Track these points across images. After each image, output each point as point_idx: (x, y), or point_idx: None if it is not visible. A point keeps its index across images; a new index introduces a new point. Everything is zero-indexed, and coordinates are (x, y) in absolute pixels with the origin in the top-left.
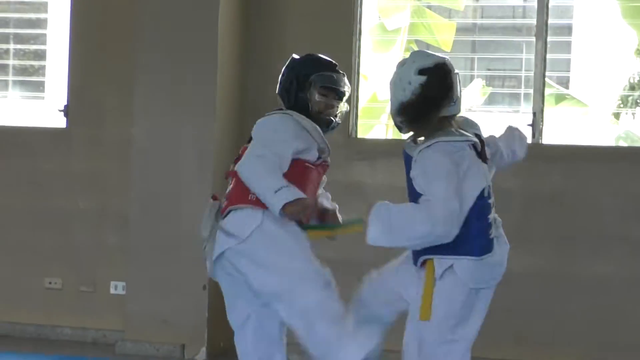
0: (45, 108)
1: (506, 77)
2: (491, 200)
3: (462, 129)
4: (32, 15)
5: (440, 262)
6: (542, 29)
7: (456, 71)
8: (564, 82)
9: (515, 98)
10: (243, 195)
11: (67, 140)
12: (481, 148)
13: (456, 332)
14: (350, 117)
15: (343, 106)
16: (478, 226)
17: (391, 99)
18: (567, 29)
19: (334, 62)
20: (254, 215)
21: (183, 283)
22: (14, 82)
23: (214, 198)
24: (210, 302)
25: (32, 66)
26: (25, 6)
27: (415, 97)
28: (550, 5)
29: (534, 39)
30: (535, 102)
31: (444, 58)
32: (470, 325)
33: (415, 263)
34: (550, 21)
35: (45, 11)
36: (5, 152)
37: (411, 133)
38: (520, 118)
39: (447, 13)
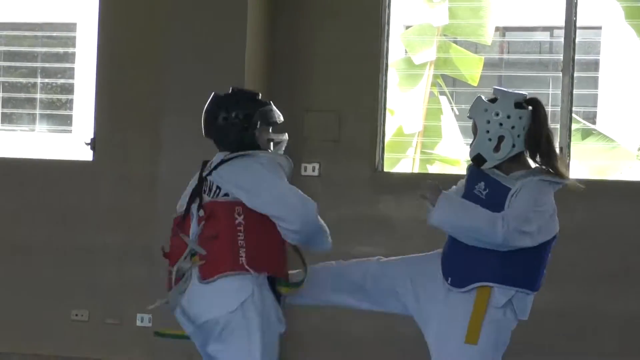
0: (72, 141)
1: None
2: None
3: None
4: (60, 50)
5: (503, 292)
6: (568, 65)
7: None
8: (591, 117)
9: None
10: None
11: (94, 173)
12: None
13: None
14: (377, 151)
15: (284, 136)
16: (545, 263)
17: (480, 136)
18: (594, 65)
19: (257, 92)
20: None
21: None
22: (41, 115)
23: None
24: None
25: (59, 100)
26: (53, 40)
27: (526, 130)
28: (577, 40)
29: (560, 74)
30: (562, 137)
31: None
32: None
33: (456, 284)
34: (577, 57)
35: (73, 45)
36: (32, 185)
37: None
38: None
39: (474, 48)
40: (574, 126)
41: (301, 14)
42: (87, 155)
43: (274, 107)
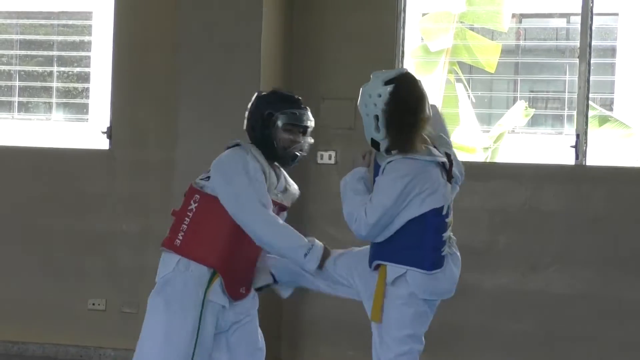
0: (88, 130)
1: (549, 98)
2: (448, 220)
3: (435, 146)
4: (76, 38)
5: (393, 269)
6: (585, 51)
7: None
8: (608, 104)
9: (558, 120)
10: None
11: (110, 161)
12: (449, 167)
13: (407, 342)
14: None
15: (308, 140)
16: (433, 242)
17: (364, 120)
18: (611, 51)
19: (298, 97)
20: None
21: None
22: (58, 104)
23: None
24: None
25: (75, 88)
26: (69, 29)
27: (388, 107)
28: (593, 27)
29: (577, 60)
30: (578, 123)
31: (405, 69)
32: (420, 337)
33: (370, 264)
34: (593, 43)
35: (89, 34)
36: (49, 174)
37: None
38: (564, 140)
39: (490, 35)
40: (590, 113)
41: (318, 2)
42: (103, 143)
43: (305, 112)
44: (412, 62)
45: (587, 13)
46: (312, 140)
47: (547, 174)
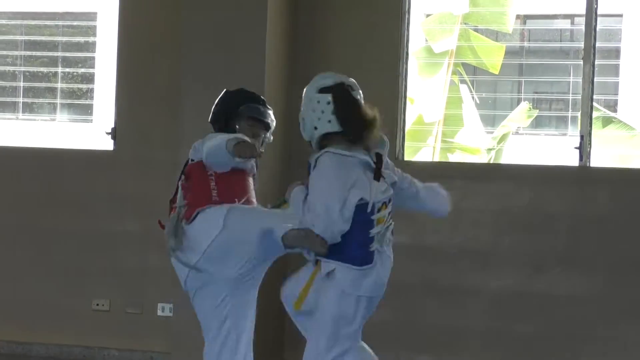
0: (93, 131)
1: (553, 100)
2: (375, 217)
3: (368, 148)
4: (81, 39)
5: (325, 265)
6: (589, 52)
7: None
8: (612, 105)
9: (562, 121)
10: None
11: (114, 162)
12: (377, 166)
13: (337, 339)
14: (397, 139)
15: (268, 137)
16: (360, 239)
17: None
18: (615, 52)
19: (262, 97)
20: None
21: None
22: (62, 105)
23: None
24: (257, 323)
25: (80, 89)
26: (73, 29)
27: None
28: (598, 28)
29: (581, 62)
30: (582, 125)
31: (344, 77)
32: (350, 334)
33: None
34: (598, 44)
35: (94, 34)
36: (53, 175)
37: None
38: (568, 141)
39: (495, 36)
40: (594, 114)
41: (322, 3)
42: (107, 144)
43: (268, 110)
44: (415, 63)
45: (591, 14)
46: (271, 139)
47: (551, 175)
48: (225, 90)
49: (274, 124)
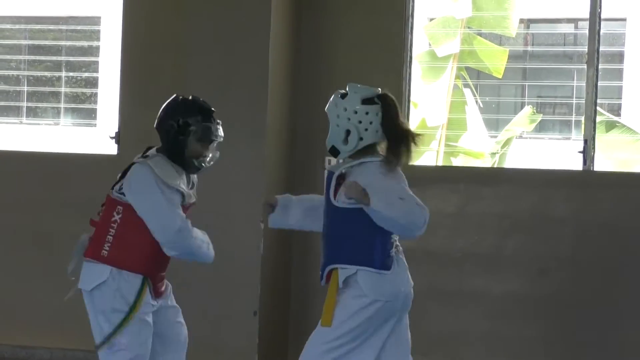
0: (96, 135)
1: (557, 104)
2: None
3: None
4: (84, 43)
5: (344, 271)
6: (593, 56)
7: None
8: (615, 110)
9: (566, 125)
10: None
11: (118, 167)
12: None
13: (346, 345)
14: None
15: (216, 153)
16: (382, 241)
17: (332, 128)
18: (619, 56)
19: (212, 109)
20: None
21: (233, 309)
22: (66, 109)
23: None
24: (260, 328)
25: (83, 93)
26: (77, 34)
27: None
28: (601, 32)
29: (585, 66)
30: (586, 129)
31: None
32: (368, 346)
33: (321, 279)
34: (601, 48)
35: (98, 39)
36: (57, 179)
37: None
38: (571, 145)
39: (498, 40)
40: (598, 118)
41: (325, 6)
42: (111, 148)
43: (218, 126)
44: (418, 68)
45: (594, 18)
46: (218, 154)
47: (554, 180)
48: (174, 97)
49: (222, 138)
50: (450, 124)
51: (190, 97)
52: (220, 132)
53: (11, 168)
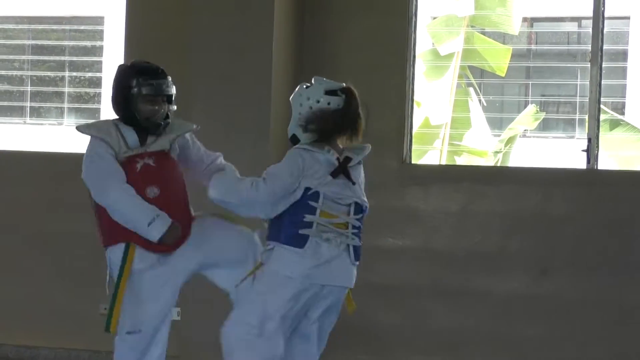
0: None
1: (561, 102)
2: (318, 206)
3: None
4: (88, 43)
5: (267, 245)
6: (597, 55)
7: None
8: (619, 108)
9: (569, 124)
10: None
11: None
12: (343, 166)
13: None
14: (404, 142)
15: (171, 107)
16: (290, 218)
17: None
18: (623, 55)
19: (156, 67)
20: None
21: None
22: (70, 109)
23: None
24: None
25: (87, 93)
26: (80, 34)
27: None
28: (605, 30)
29: (588, 64)
30: (590, 127)
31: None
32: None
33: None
34: (605, 47)
35: (101, 39)
36: (60, 179)
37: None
38: (575, 144)
39: (502, 38)
40: (602, 117)
41: (328, 6)
42: None
43: (163, 80)
44: (422, 66)
45: (598, 17)
46: (174, 107)
47: (558, 178)
48: (118, 67)
49: (174, 90)
50: (454, 123)
51: (130, 62)
52: (169, 84)
53: (15, 168)
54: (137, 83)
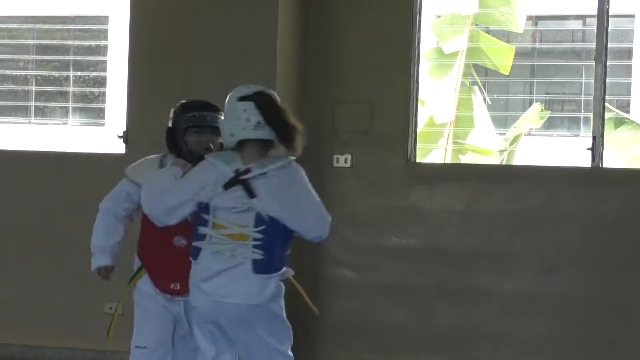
0: (105, 134)
1: (565, 101)
2: (209, 218)
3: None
4: (92, 42)
5: None
6: (601, 53)
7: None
8: (624, 106)
9: (574, 122)
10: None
11: (126, 166)
12: (236, 178)
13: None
14: (409, 141)
15: (216, 139)
16: (194, 231)
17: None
18: (627, 53)
19: (201, 101)
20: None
21: None
22: (74, 108)
23: None
24: None
25: (91, 93)
26: (85, 33)
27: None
28: (609, 29)
29: (593, 62)
30: (594, 126)
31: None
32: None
33: None
34: (609, 45)
35: (105, 38)
36: (66, 179)
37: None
38: (580, 142)
39: (506, 37)
40: (607, 115)
41: (333, 5)
42: (120, 148)
43: (205, 112)
44: (426, 65)
45: (603, 15)
46: (220, 140)
47: (563, 177)
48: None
49: (216, 122)
50: (458, 122)
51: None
52: (212, 116)
53: (19, 168)
54: (177, 117)
